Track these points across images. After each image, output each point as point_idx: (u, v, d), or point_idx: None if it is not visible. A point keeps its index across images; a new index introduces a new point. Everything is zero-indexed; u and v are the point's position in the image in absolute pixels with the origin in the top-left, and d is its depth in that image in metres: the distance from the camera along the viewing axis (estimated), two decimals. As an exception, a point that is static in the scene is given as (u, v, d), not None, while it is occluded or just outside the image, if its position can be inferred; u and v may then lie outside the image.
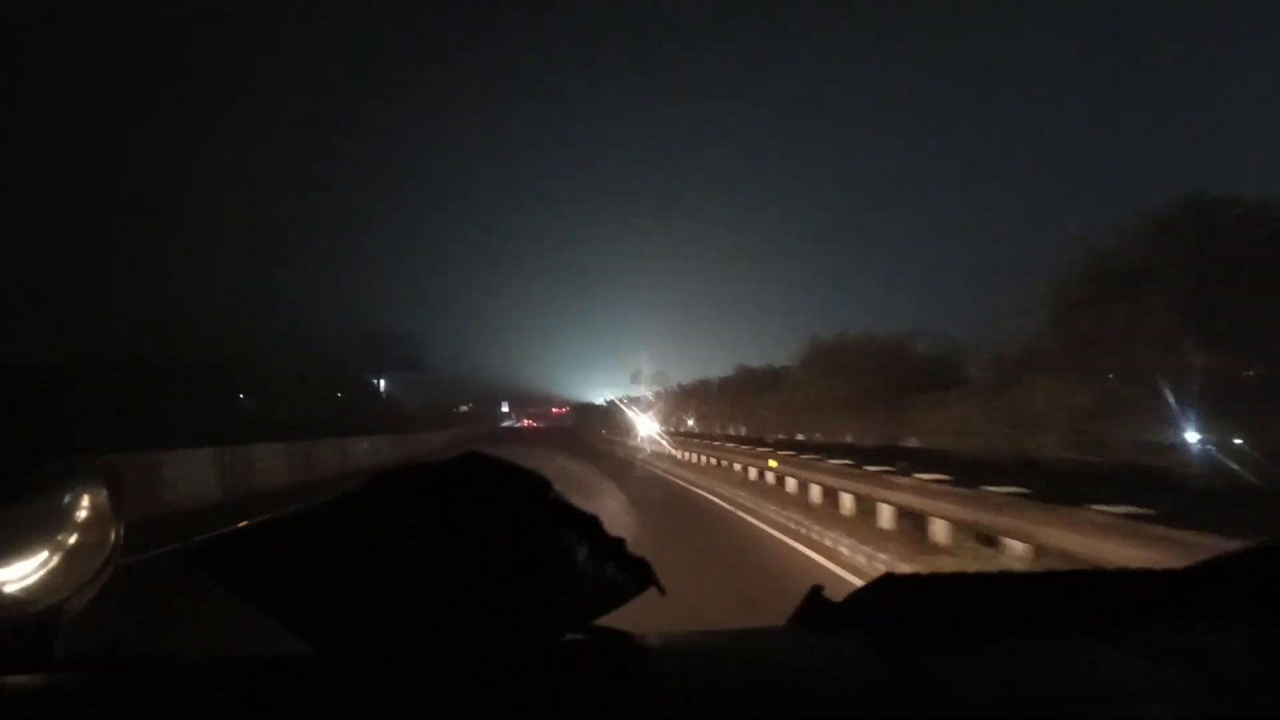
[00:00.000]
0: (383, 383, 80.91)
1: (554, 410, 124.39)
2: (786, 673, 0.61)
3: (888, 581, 0.71)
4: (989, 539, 6.80)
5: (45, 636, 0.67)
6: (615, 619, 0.64)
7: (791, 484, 12.52)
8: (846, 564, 7.04)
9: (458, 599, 0.56)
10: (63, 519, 0.72)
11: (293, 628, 0.58)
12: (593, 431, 56.05)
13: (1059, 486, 6.69)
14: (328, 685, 0.57)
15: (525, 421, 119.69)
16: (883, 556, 7.04)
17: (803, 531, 8.88)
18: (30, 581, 0.68)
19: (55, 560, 0.70)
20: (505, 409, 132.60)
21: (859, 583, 0.66)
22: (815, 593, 0.70)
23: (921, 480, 7.98)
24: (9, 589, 0.68)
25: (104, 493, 0.74)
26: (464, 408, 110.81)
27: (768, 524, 9.69)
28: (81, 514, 0.73)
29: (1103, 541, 4.91)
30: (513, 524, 0.58)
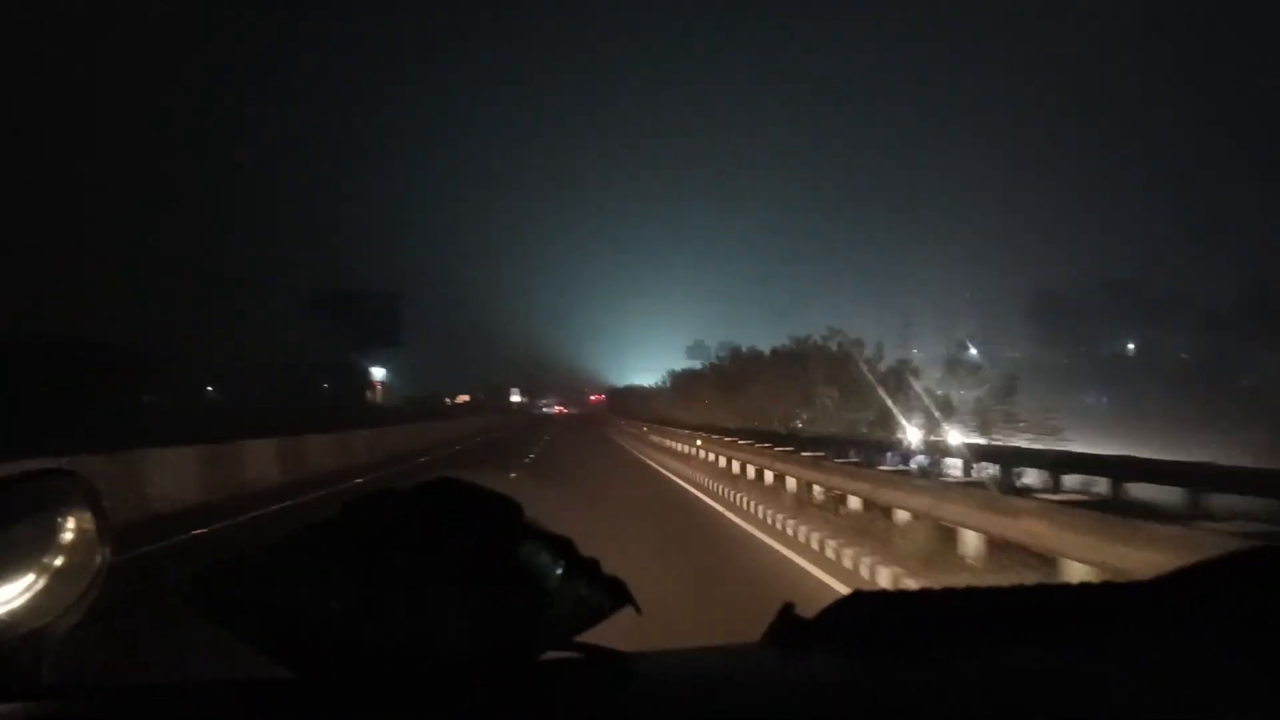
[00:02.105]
0: (381, 371, 77.80)
1: (592, 398, 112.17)
2: (762, 690, 0.63)
3: (857, 598, 0.73)
4: None
5: (31, 662, 0.66)
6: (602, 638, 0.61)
7: None
8: None
9: (435, 619, 0.58)
10: (48, 541, 0.71)
11: (274, 656, 0.59)
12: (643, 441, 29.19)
13: None
14: (311, 709, 0.59)
15: (558, 409, 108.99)
16: None
17: None
18: (15, 606, 0.67)
19: (41, 584, 0.69)
20: (515, 398, 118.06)
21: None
22: (787, 609, 0.71)
23: None
24: None
25: (89, 514, 0.73)
26: (462, 398, 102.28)
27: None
28: (67, 536, 0.72)
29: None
30: (486, 544, 0.60)
